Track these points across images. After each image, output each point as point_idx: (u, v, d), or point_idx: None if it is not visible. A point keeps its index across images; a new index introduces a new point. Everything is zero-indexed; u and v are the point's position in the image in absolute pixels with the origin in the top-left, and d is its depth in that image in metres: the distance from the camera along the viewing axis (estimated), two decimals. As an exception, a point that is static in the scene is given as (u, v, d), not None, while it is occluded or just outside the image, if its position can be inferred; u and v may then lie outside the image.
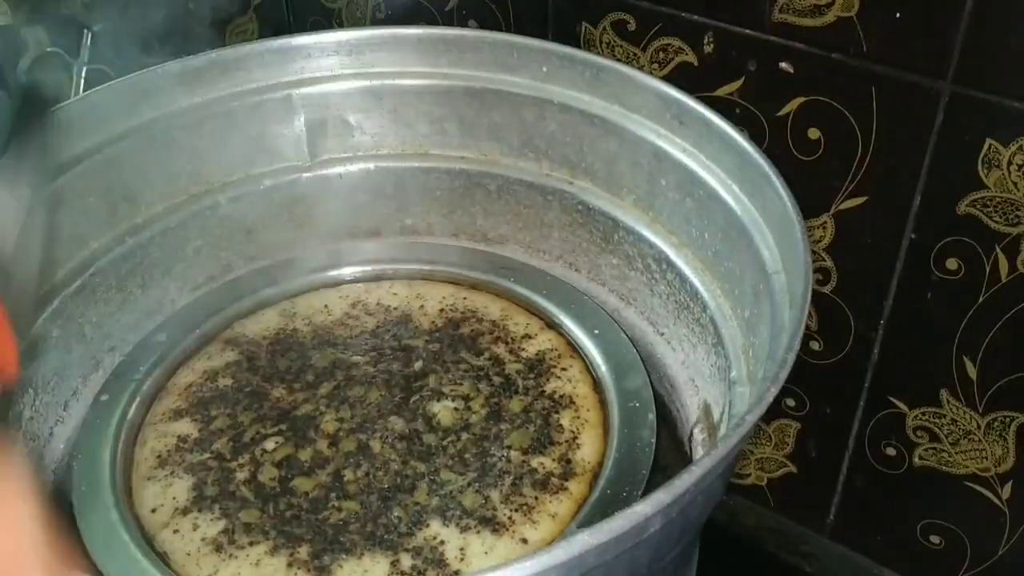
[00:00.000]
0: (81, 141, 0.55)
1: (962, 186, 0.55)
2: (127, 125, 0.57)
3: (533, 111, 0.60)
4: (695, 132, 0.53)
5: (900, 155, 0.56)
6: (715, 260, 0.53)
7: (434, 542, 0.45)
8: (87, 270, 0.55)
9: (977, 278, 0.57)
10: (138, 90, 0.57)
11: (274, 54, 0.61)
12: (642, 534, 0.32)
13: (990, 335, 0.58)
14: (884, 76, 0.55)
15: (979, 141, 0.53)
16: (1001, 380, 0.59)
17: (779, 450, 0.72)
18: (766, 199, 0.47)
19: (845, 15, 0.54)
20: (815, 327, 0.65)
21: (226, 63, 0.60)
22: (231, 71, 0.60)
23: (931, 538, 0.67)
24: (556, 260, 0.63)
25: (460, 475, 0.48)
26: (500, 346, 0.56)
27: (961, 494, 0.64)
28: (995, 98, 0.52)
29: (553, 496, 0.47)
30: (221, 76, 0.60)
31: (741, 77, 0.60)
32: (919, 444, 0.64)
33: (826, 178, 0.60)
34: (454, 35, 0.61)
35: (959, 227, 0.56)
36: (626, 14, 0.63)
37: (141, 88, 0.57)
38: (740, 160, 0.49)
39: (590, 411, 0.52)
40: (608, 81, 0.56)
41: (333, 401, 0.53)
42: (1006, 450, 0.61)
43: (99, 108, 0.56)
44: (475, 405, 0.52)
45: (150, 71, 0.58)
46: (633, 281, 0.59)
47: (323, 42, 0.61)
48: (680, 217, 0.55)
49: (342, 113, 0.63)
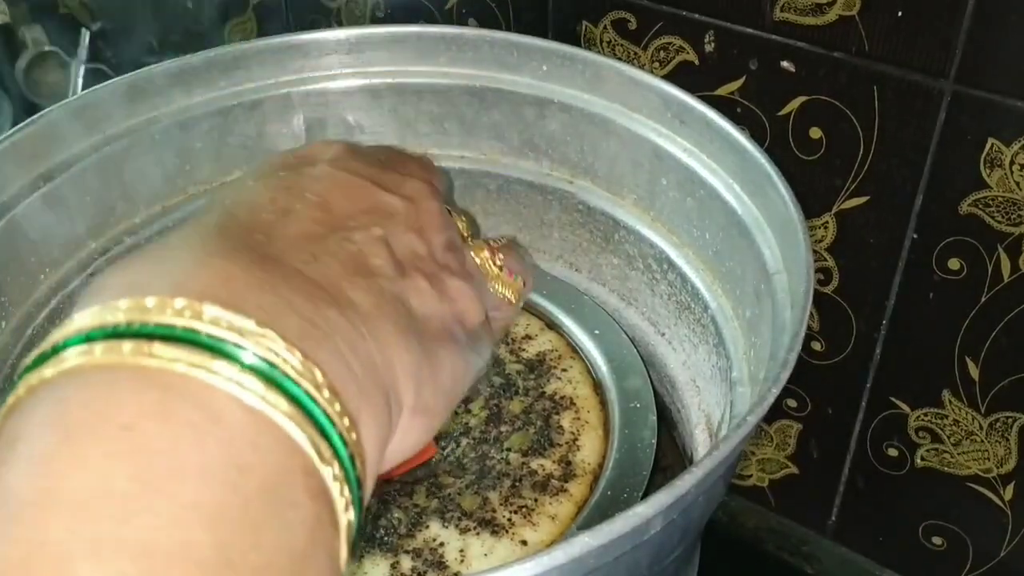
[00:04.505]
0: (78, 141, 0.55)
1: (964, 186, 0.55)
2: (125, 124, 0.57)
3: (533, 110, 0.59)
4: (696, 131, 0.52)
5: (902, 155, 0.56)
6: (716, 260, 0.53)
7: (434, 544, 0.45)
8: (85, 270, 0.55)
9: (979, 278, 0.57)
10: (136, 89, 0.57)
11: (273, 53, 0.61)
12: (643, 535, 0.32)
13: (992, 335, 0.58)
14: (886, 75, 0.55)
15: (981, 141, 0.53)
16: (1003, 381, 0.59)
17: (780, 451, 0.72)
18: (767, 199, 0.47)
19: (847, 14, 0.54)
20: (817, 327, 0.65)
21: (224, 62, 0.60)
22: (229, 70, 0.60)
23: (933, 539, 0.67)
24: (556, 260, 0.63)
25: (460, 477, 0.48)
26: (500, 347, 0.56)
27: (963, 495, 0.64)
28: (997, 97, 0.52)
29: (553, 498, 0.47)
30: (220, 75, 0.60)
31: (742, 76, 0.60)
32: (921, 445, 0.64)
33: (828, 178, 0.59)
34: (454, 34, 0.60)
35: (961, 227, 0.56)
36: (627, 13, 0.63)
37: (139, 87, 0.57)
38: (741, 159, 0.49)
39: (590, 412, 0.52)
40: (609, 80, 0.56)
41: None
42: (1008, 451, 0.61)
43: (97, 107, 0.56)
44: (475, 407, 0.52)
45: (148, 70, 0.57)
46: (634, 281, 0.59)
47: (322, 41, 0.61)
48: (681, 217, 0.55)
49: (341, 112, 0.63)
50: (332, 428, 0.21)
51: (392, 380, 0.24)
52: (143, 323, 0.20)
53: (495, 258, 0.33)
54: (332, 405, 0.21)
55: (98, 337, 0.20)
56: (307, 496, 0.20)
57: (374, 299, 0.25)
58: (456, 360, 0.28)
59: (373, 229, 0.27)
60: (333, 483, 0.21)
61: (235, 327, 0.20)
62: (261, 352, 0.20)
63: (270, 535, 0.19)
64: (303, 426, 0.20)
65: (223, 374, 0.20)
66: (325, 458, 0.20)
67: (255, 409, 0.20)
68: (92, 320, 0.20)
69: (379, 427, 0.23)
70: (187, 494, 0.18)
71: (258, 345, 0.20)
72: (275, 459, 0.20)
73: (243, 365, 0.20)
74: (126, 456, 0.18)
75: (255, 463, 0.19)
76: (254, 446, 0.19)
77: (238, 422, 0.19)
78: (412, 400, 0.25)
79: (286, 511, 0.19)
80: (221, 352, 0.20)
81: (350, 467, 0.21)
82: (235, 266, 0.22)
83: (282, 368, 0.20)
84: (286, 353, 0.21)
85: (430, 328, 0.27)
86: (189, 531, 0.18)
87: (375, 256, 0.26)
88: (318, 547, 0.20)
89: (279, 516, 0.19)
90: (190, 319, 0.20)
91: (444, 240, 0.30)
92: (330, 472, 0.21)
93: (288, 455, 0.20)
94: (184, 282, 0.21)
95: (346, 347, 0.23)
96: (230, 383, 0.20)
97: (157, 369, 0.19)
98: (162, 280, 0.21)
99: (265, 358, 0.20)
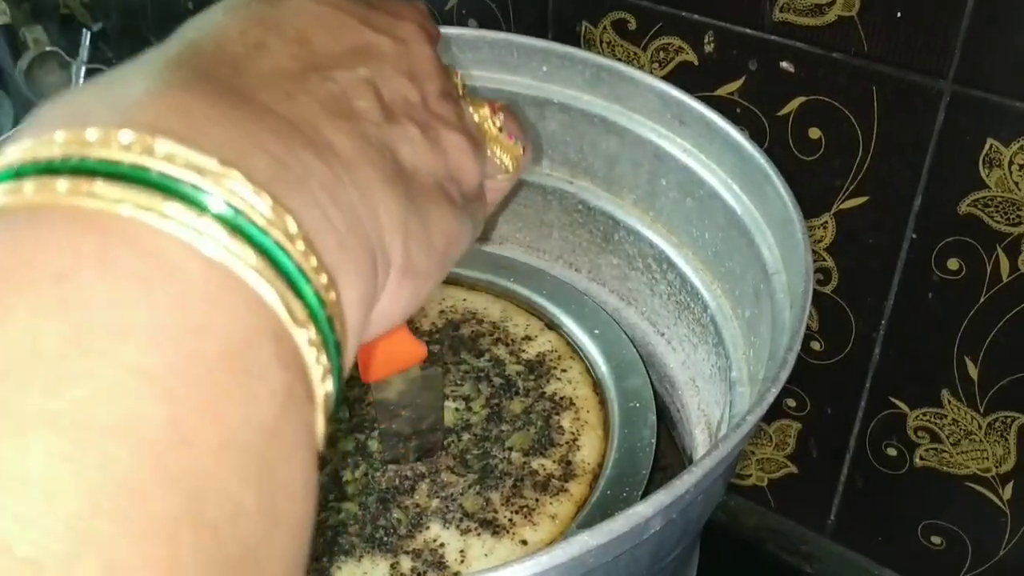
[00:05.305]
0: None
1: (963, 186, 0.55)
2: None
3: (533, 110, 0.59)
4: (696, 132, 0.53)
5: (901, 155, 0.56)
6: (716, 260, 0.53)
7: (434, 544, 0.45)
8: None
9: (978, 278, 0.57)
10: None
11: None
12: (642, 535, 0.32)
13: (991, 335, 0.58)
14: (885, 75, 0.55)
15: (980, 141, 0.53)
16: (1002, 380, 0.59)
17: (780, 450, 0.72)
18: (767, 199, 0.47)
19: (846, 14, 0.54)
20: (816, 327, 0.65)
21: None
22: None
23: (932, 539, 0.67)
24: (556, 260, 0.63)
25: (461, 477, 0.48)
26: (500, 347, 0.56)
27: (962, 495, 0.64)
28: (996, 98, 0.52)
29: (553, 497, 0.47)
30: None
31: (742, 77, 0.60)
32: (920, 444, 0.64)
33: (827, 178, 0.59)
34: (454, 34, 0.61)
35: (960, 227, 0.56)
36: (626, 13, 0.63)
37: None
38: (741, 160, 0.49)
39: (590, 412, 0.52)
40: (608, 81, 0.56)
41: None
42: (1007, 450, 0.61)
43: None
44: (476, 406, 0.52)
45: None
46: (633, 281, 0.59)
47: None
48: (681, 217, 0.55)
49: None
50: (307, 285, 0.18)
51: (378, 235, 0.21)
52: (83, 157, 0.17)
53: (495, 118, 0.30)
54: (307, 259, 0.18)
55: (29, 172, 0.17)
56: (277, 364, 0.17)
57: (358, 144, 0.22)
58: (449, 219, 0.25)
59: (359, 70, 0.24)
60: (308, 349, 0.18)
61: (193, 165, 0.17)
62: (224, 195, 0.17)
63: (232, 409, 0.16)
64: (273, 282, 0.17)
65: (178, 219, 0.17)
66: (299, 320, 0.18)
67: (216, 261, 0.17)
68: (23, 154, 0.17)
69: (362, 287, 0.21)
70: (132, 359, 0.15)
71: (220, 187, 0.17)
72: (239, 320, 0.17)
73: (202, 209, 0.17)
74: (59, 312, 0.15)
75: (215, 324, 0.16)
76: (214, 304, 0.17)
77: (195, 276, 0.17)
78: (400, 259, 0.22)
79: (252, 381, 0.17)
80: (176, 193, 0.17)
81: (328, 330, 0.19)
82: (195, 98, 0.19)
83: (248, 214, 0.17)
84: (254, 197, 0.18)
85: (421, 181, 0.24)
86: (134, 402, 0.15)
87: (360, 98, 0.23)
88: (290, 422, 0.17)
89: (243, 387, 0.16)
90: (139, 155, 0.17)
91: (438, 88, 0.27)
92: (305, 336, 0.18)
93: (255, 316, 0.17)
94: (133, 113, 0.18)
95: (324, 194, 0.20)
96: (186, 229, 0.17)
97: (98, 211, 0.16)
98: (108, 110, 0.18)
99: (229, 202, 0.17)
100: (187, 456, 0.15)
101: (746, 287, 0.49)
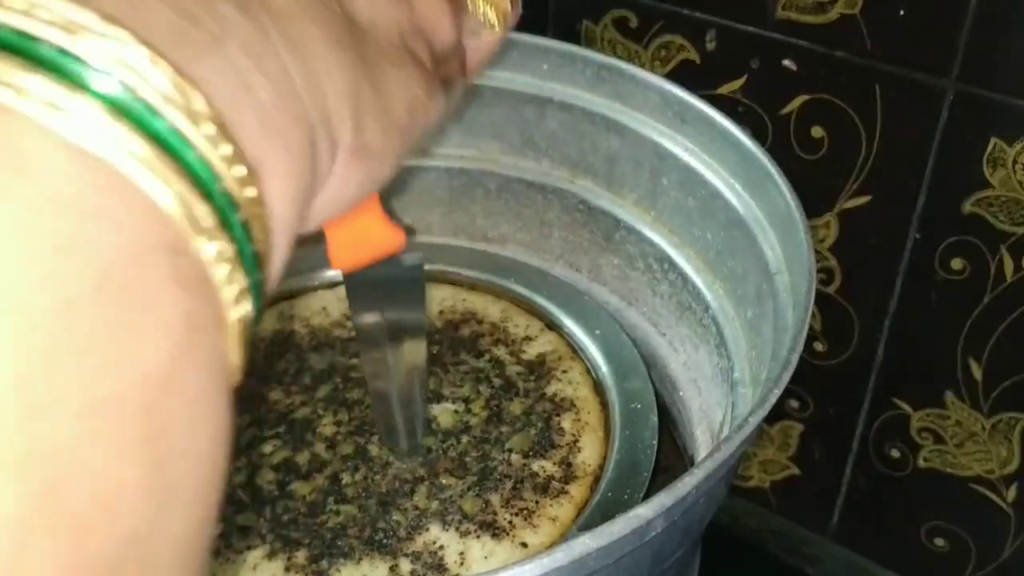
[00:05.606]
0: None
1: (967, 185, 0.54)
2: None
3: (533, 109, 0.59)
4: (697, 130, 0.52)
5: (904, 154, 0.56)
6: (717, 260, 0.53)
7: (433, 547, 0.45)
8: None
9: (982, 278, 0.56)
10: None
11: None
12: (644, 537, 0.32)
13: (995, 336, 0.58)
14: (888, 74, 0.54)
15: (984, 140, 0.53)
16: (1006, 381, 0.59)
17: (782, 452, 0.72)
18: (769, 198, 0.47)
19: (849, 12, 0.54)
20: (819, 328, 0.65)
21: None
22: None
23: (935, 540, 0.67)
24: (556, 260, 0.63)
25: (460, 479, 0.48)
26: (500, 348, 0.55)
27: (966, 496, 0.64)
28: (1000, 97, 0.52)
29: (554, 499, 0.47)
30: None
31: (744, 75, 0.60)
32: (923, 446, 0.64)
33: (829, 177, 0.59)
34: (453, 33, 0.60)
35: (964, 227, 0.56)
36: (627, 11, 0.63)
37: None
38: (743, 159, 0.49)
39: (591, 413, 0.51)
40: (609, 79, 0.56)
41: (331, 404, 0.52)
42: (1011, 452, 0.60)
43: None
44: (475, 407, 0.52)
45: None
46: (635, 281, 0.59)
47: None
48: (682, 216, 0.55)
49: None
50: (216, 182, 0.14)
51: (319, 107, 0.17)
52: None
53: None
54: (218, 147, 0.14)
55: None
56: (174, 288, 0.13)
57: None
58: (412, 85, 0.20)
59: None
60: (218, 265, 0.14)
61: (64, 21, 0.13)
62: (104, 62, 0.13)
63: (107, 356, 0.12)
64: (170, 181, 0.14)
65: (39, 96, 0.13)
66: (204, 228, 0.14)
67: (91, 154, 0.13)
68: None
69: (296, 176, 0.17)
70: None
71: (100, 51, 0.13)
72: (121, 233, 0.13)
73: (74, 82, 0.13)
74: None
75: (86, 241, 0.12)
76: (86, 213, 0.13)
77: (59, 174, 0.12)
78: (350, 135, 0.18)
79: (136, 315, 0.13)
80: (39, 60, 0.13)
81: (244, 239, 0.15)
82: None
83: (139, 90, 0.13)
84: (147, 65, 0.13)
85: (377, 39, 0.20)
86: None
87: None
88: (189, 363, 0.14)
89: (124, 325, 0.13)
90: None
91: None
92: (213, 249, 0.14)
93: (143, 227, 0.13)
94: None
95: (246, 59, 0.15)
96: (51, 110, 0.13)
97: None
98: None
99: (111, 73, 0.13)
100: (39, 433, 0.11)
101: (748, 287, 0.49)
